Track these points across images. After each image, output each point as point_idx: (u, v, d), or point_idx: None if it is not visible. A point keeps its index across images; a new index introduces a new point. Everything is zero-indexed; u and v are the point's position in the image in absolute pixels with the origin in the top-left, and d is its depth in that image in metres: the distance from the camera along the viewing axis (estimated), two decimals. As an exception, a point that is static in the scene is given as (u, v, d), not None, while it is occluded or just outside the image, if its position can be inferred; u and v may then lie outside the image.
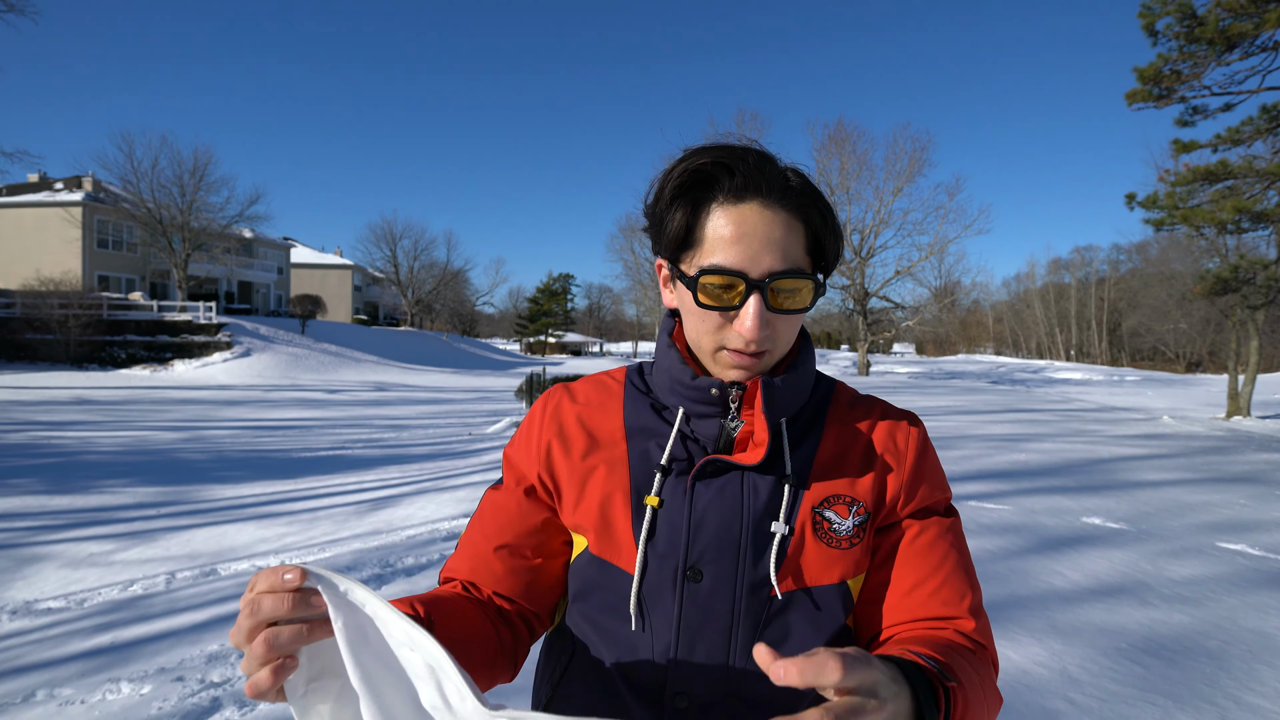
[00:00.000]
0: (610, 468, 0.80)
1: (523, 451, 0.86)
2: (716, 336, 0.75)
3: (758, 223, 0.72)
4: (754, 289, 0.71)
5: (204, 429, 10.89)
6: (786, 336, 0.76)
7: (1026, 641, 3.28)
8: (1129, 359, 60.07)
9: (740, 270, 0.71)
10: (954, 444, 9.62)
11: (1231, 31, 10.48)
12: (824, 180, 36.34)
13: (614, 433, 0.83)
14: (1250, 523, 5.58)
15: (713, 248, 0.73)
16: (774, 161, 0.74)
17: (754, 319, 0.71)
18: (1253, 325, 15.78)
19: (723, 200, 0.73)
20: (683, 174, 0.73)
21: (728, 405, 0.78)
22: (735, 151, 0.73)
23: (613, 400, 0.86)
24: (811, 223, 0.75)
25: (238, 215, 35.17)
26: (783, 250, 0.72)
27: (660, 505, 0.76)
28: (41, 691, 2.76)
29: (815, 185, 0.76)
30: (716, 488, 0.76)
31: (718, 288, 0.72)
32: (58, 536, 4.96)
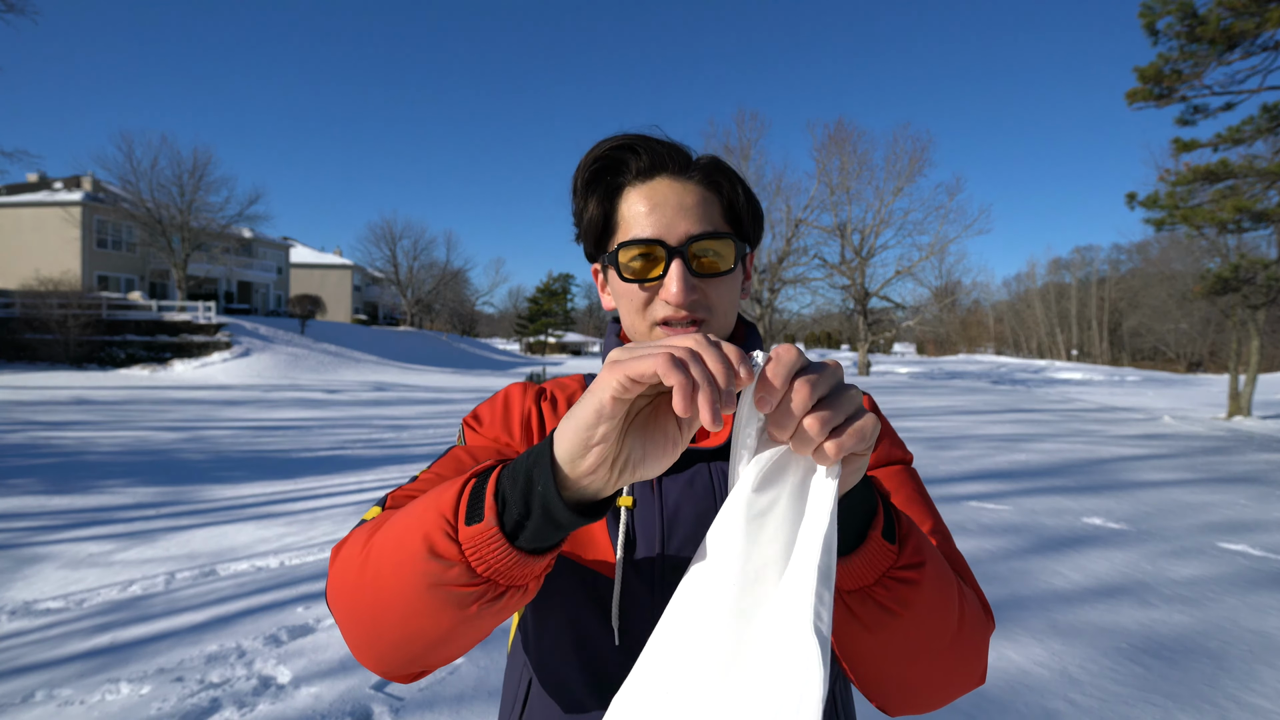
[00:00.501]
0: None
1: (502, 426, 0.81)
2: (647, 312, 0.75)
3: (669, 193, 0.73)
4: (674, 254, 0.72)
5: (203, 429, 10.89)
6: (721, 306, 0.76)
7: (1027, 642, 3.27)
8: (1130, 359, 60.06)
9: (657, 238, 0.72)
10: (954, 444, 9.62)
11: (1233, 30, 10.48)
12: (824, 180, 36.38)
13: None
14: (1251, 523, 5.58)
15: (630, 225, 0.74)
16: (673, 144, 0.76)
17: (678, 282, 0.71)
18: (1253, 325, 15.77)
19: (634, 181, 0.75)
20: (592, 163, 0.75)
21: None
22: (640, 135, 0.75)
23: (578, 394, 0.84)
24: (724, 192, 0.76)
25: (237, 215, 35.20)
26: (697, 216, 0.73)
27: (634, 505, 0.74)
28: (41, 692, 2.76)
29: (726, 163, 0.78)
30: (685, 480, 0.75)
31: (638, 259, 0.73)
32: (57, 537, 4.95)
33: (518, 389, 0.87)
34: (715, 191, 0.76)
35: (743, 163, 37.05)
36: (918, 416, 13.31)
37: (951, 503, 6.06)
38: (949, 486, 6.76)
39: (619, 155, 0.74)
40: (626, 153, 0.74)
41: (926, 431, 10.95)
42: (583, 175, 0.76)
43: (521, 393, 0.86)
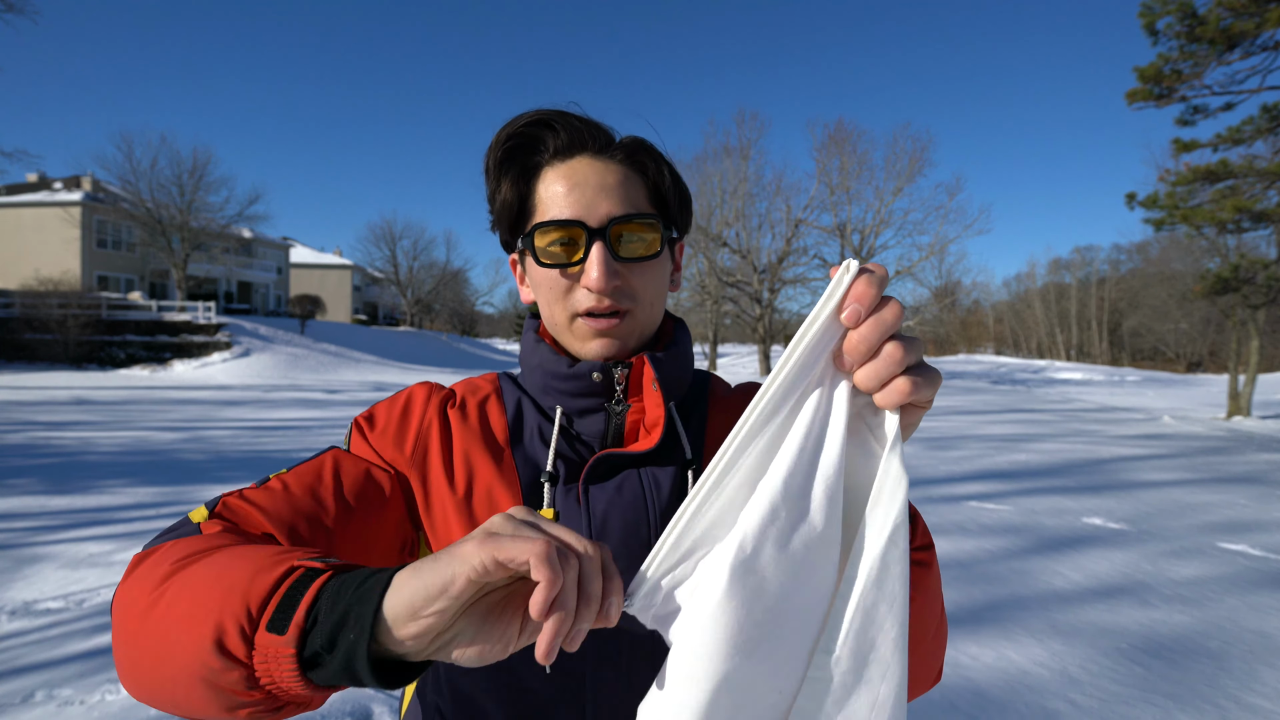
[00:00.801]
0: (498, 474, 0.70)
1: (394, 439, 0.72)
2: (567, 302, 0.69)
3: (589, 172, 0.68)
4: (595, 237, 0.66)
5: (203, 429, 10.89)
6: (646, 294, 0.70)
7: (1027, 642, 3.27)
8: (1129, 359, 60.07)
9: (576, 219, 0.66)
10: (954, 444, 9.62)
11: (1232, 31, 10.49)
12: (824, 180, 36.37)
13: (498, 434, 0.74)
14: (1251, 523, 5.58)
15: (547, 207, 0.68)
16: (593, 121, 0.70)
17: (600, 267, 0.65)
18: (1253, 325, 15.77)
19: (551, 160, 0.69)
20: (504, 140, 0.69)
21: (612, 389, 0.70)
22: (556, 111, 0.69)
23: (491, 400, 0.77)
24: (648, 173, 0.71)
25: (237, 215, 35.19)
26: (620, 197, 0.68)
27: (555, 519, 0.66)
28: (40, 692, 2.76)
29: (649, 141, 0.72)
30: (613, 488, 0.69)
31: (557, 243, 0.67)
32: (57, 537, 4.95)
33: (423, 391, 0.78)
34: (639, 172, 0.71)
35: (742, 163, 37.05)
36: (918, 416, 13.30)
37: (951, 503, 6.06)
38: (949, 486, 6.76)
39: (535, 132, 0.68)
40: (543, 129, 0.68)
41: (926, 431, 10.95)
42: (495, 154, 0.69)
43: (426, 397, 0.76)
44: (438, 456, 0.71)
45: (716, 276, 37.19)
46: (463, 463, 0.71)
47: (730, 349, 72.63)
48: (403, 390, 0.78)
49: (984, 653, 3.14)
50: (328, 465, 0.68)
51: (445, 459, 0.71)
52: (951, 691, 2.80)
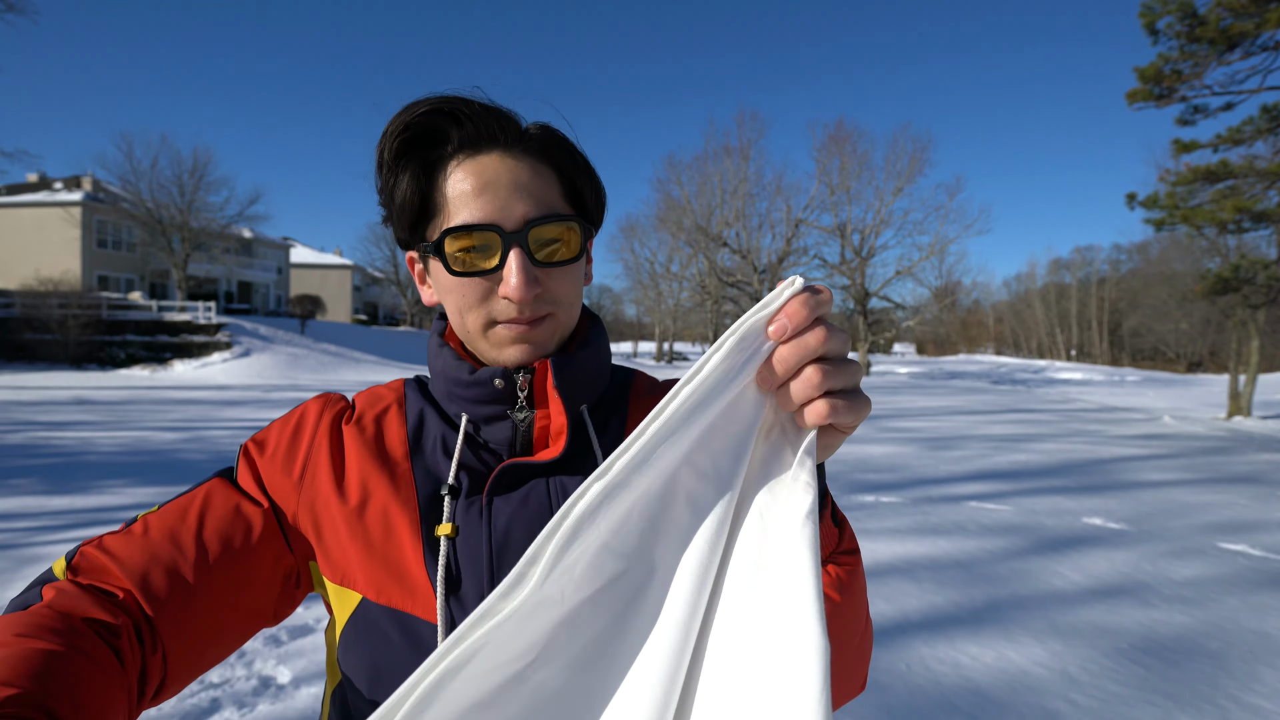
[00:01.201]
0: (394, 491, 0.66)
1: (279, 463, 0.68)
2: (482, 310, 0.64)
3: (501, 170, 0.63)
4: (512, 242, 0.62)
5: (204, 429, 10.89)
6: (567, 296, 0.66)
7: (1027, 642, 3.27)
8: (1130, 359, 60.07)
9: (492, 223, 0.61)
10: (954, 444, 9.62)
11: (1232, 31, 10.49)
12: (824, 180, 36.38)
13: (395, 448, 0.69)
14: (1251, 523, 5.58)
15: (455, 208, 0.63)
16: (503, 108, 0.65)
17: (519, 275, 0.61)
18: (1253, 325, 15.77)
19: (456, 155, 0.63)
20: (401, 130, 0.62)
21: (515, 396, 0.66)
22: (459, 99, 0.63)
23: (392, 410, 0.73)
24: (563, 168, 0.66)
25: (237, 215, 35.21)
26: (536, 196, 0.63)
27: (456, 534, 0.63)
28: (40, 692, 2.76)
29: (558, 129, 0.67)
30: (518, 500, 0.65)
31: (470, 250, 0.62)
32: (57, 537, 4.95)
33: (316, 407, 0.72)
34: (552, 166, 0.65)
35: (743, 163, 37.06)
36: (918, 416, 13.31)
37: (951, 503, 6.06)
38: (949, 486, 6.76)
39: (437, 124, 0.62)
40: (446, 121, 0.62)
41: (926, 431, 10.95)
42: (391, 146, 0.63)
43: (318, 414, 0.71)
44: (327, 476, 0.67)
45: (716, 276, 37.20)
46: (357, 480, 0.67)
47: (730, 349, 72.55)
48: (298, 407, 0.73)
49: (984, 653, 3.14)
50: (195, 504, 0.65)
51: (336, 477, 0.67)
52: (951, 691, 2.80)
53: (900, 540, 4.90)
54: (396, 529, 0.64)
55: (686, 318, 49.47)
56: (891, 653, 3.13)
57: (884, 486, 6.74)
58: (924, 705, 2.69)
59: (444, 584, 0.61)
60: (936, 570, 4.27)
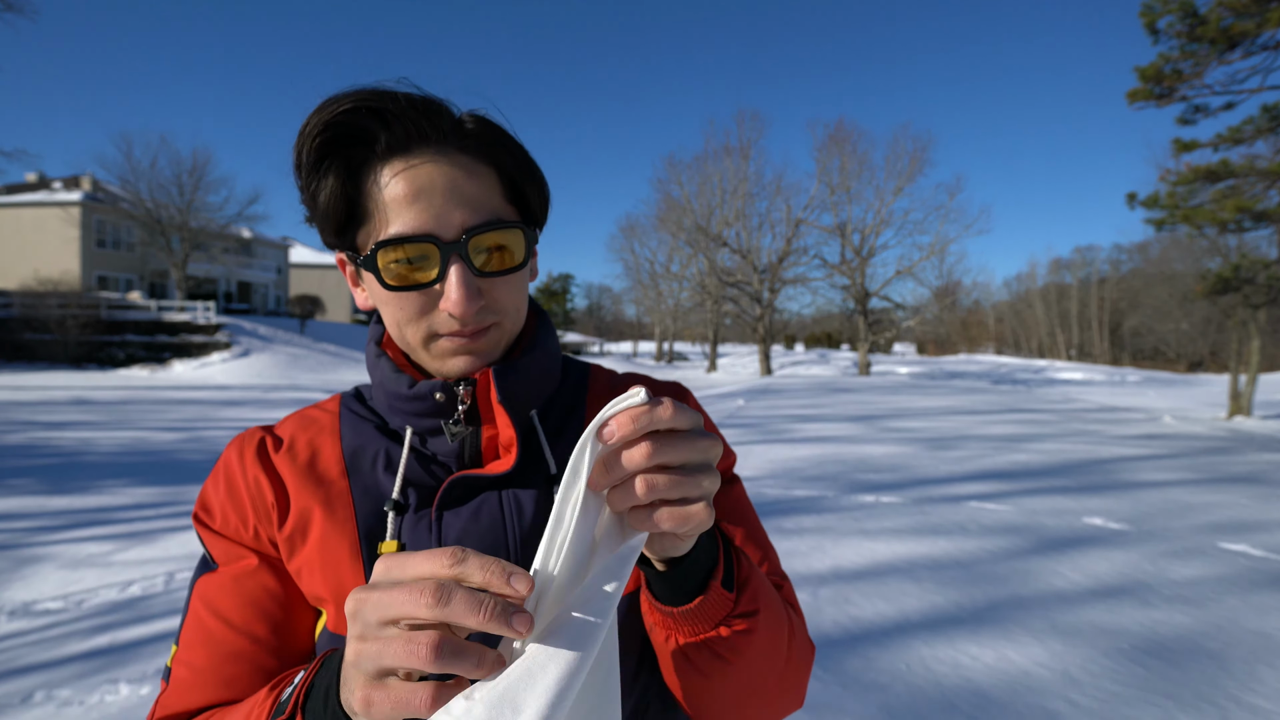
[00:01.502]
0: (330, 514, 0.63)
1: (235, 523, 0.66)
2: (422, 324, 0.61)
3: (435, 175, 0.57)
4: (451, 253, 0.57)
5: (203, 429, 10.89)
6: (512, 304, 0.63)
7: (1027, 642, 3.27)
8: (1130, 359, 60.08)
9: (428, 233, 0.57)
10: (954, 444, 9.62)
11: (1233, 30, 10.49)
12: (824, 180, 36.36)
13: (329, 469, 0.66)
14: (1252, 523, 5.57)
15: (387, 216, 0.58)
16: (436, 102, 0.59)
17: (460, 289, 0.57)
18: (1254, 325, 15.77)
19: (385, 156, 0.58)
20: (321, 130, 0.57)
21: (455, 409, 0.64)
22: (385, 94, 0.57)
23: (325, 433, 0.69)
24: (503, 166, 0.61)
25: (236, 215, 35.21)
26: (474, 202, 0.58)
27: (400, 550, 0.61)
28: (40, 692, 2.75)
29: (495, 122, 0.62)
30: (469, 513, 0.63)
31: (405, 262, 0.58)
32: (57, 537, 4.95)
33: (234, 453, 0.68)
34: (492, 164, 0.61)
35: (743, 163, 37.05)
36: (918, 416, 13.31)
37: (951, 503, 6.06)
38: (949, 486, 6.76)
39: (361, 123, 0.57)
40: (371, 119, 0.57)
41: (926, 431, 10.95)
42: (311, 146, 0.57)
43: (239, 457, 0.68)
44: (274, 511, 0.65)
45: (716, 276, 37.19)
46: (295, 510, 0.65)
47: (730, 349, 72.66)
48: (220, 458, 0.70)
49: (984, 653, 3.14)
50: (205, 612, 0.64)
51: (281, 512, 0.65)
52: (951, 691, 2.79)
53: (900, 540, 4.89)
54: (335, 553, 0.62)
55: (686, 318, 49.47)
56: (891, 653, 3.13)
57: (884, 486, 6.74)
58: (924, 705, 2.69)
59: None
60: (936, 570, 4.27)
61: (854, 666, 3.00)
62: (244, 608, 0.63)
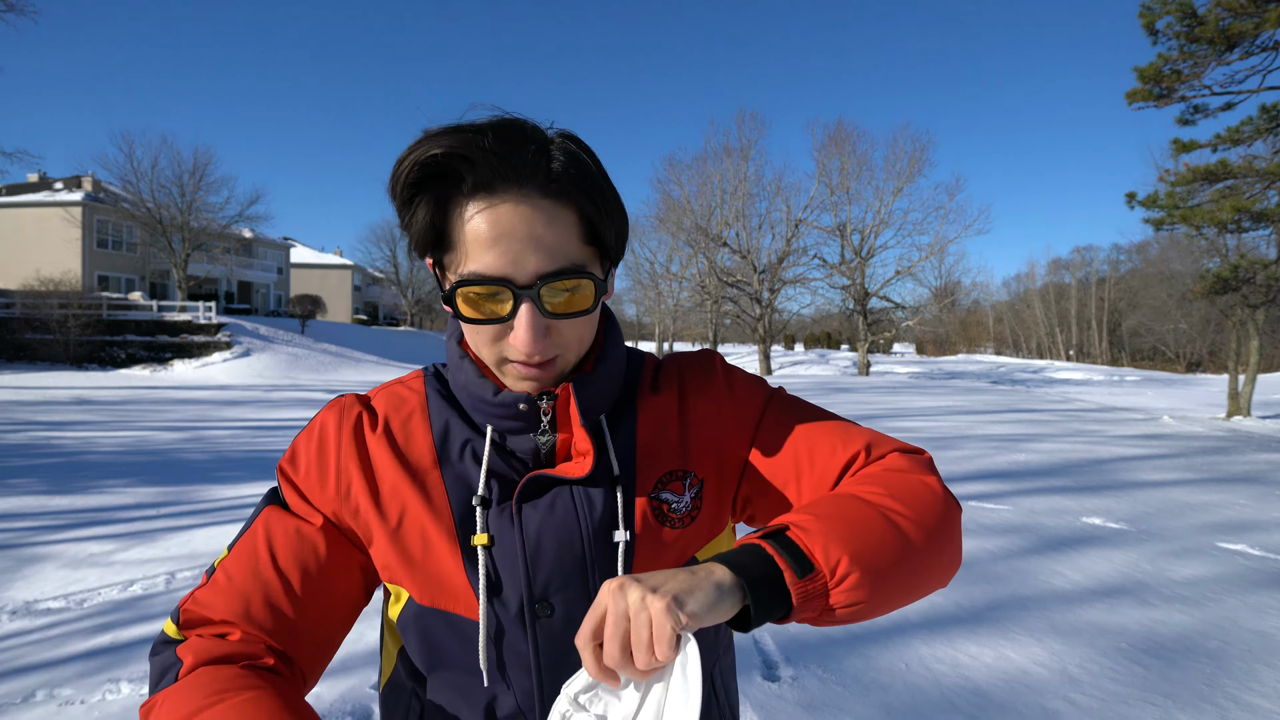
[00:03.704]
0: (427, 501, 0.69)
1: (315, 479, 0.71)
2: (495, 349, 0.66)
3: (515, 220, 0.61)
4: (523, 297, 0.61)
5: (204, 429, 10.89)
6: (575, 339, 0.67)
7: (1027, 641, 3.28)
8: (1129, 359, 60.07)
9: (503, 277, 0.61)
10: (954, 444, 9.62)
11: (1232, 31, 10.49)
12: (824, 180, 36.35)
13: (422, 456, 0.72)
14: (1251, 523, 5.58)
15: (468, 252, 0.62)
16: (524, 140, 0.61)
17: (528, 331, 0.62)
18: (1253, 325, 15.77)
19: (470, 195, 0.61)
20: (412, 168, 0.60)
21: (539, 418, 0.69)
22: (472, 137, 0.59)
23: (416, 415, 0.74)
24: (583, 209, 0.64)
25: (237, 215, 35.21)
26: (550, 248, 0.61)
27: (492, 543, 0.68)
28: (41, 692, 2.76)
29: (584, 159, 0.64)
30: (545, 506, 0.69)
31: (481, 297, 0.63)
32: (58, 537, 4.96)
33: (334, 419, 0.73)
34: (571, 207, 0.63)
35: (742, 163, 37.03)
36: (918, 416, 13.32)
37: (951, 503, 6.07)
38: (949, 486, 6.76)
39: (448, 164, 0.60)
40: (458, 162, 0.59)
41: (926, 431, 10.95)
42: (404, 182, 0.61)
43: (337, 426, 0.73)
44: (362, 489, 0.70)
45: (716, 276, 37.18)
46: (390, 494, 0.70)
47: (730, 349, 72.63)
48: (317, 417, 0.75)
49: (984, 652, 3.15)
50: (261, 539, 0.69)
51: (371, 492, 0.70)
52: (951, 691, 2.80)
53: (900, 540, 4.89)
54: (434, 542, 0.69)
55: (686, 318, 49.47)
56: (891, 652, 3.14)
57: (884, 486, 6.74)
58: (924, 705, 2.70)
59: (485, 591, 0.67)
60: (936, 570, 4.28)
61: (854, 666, 3.01)
62: (293, 555, 0.69)
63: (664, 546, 0.71)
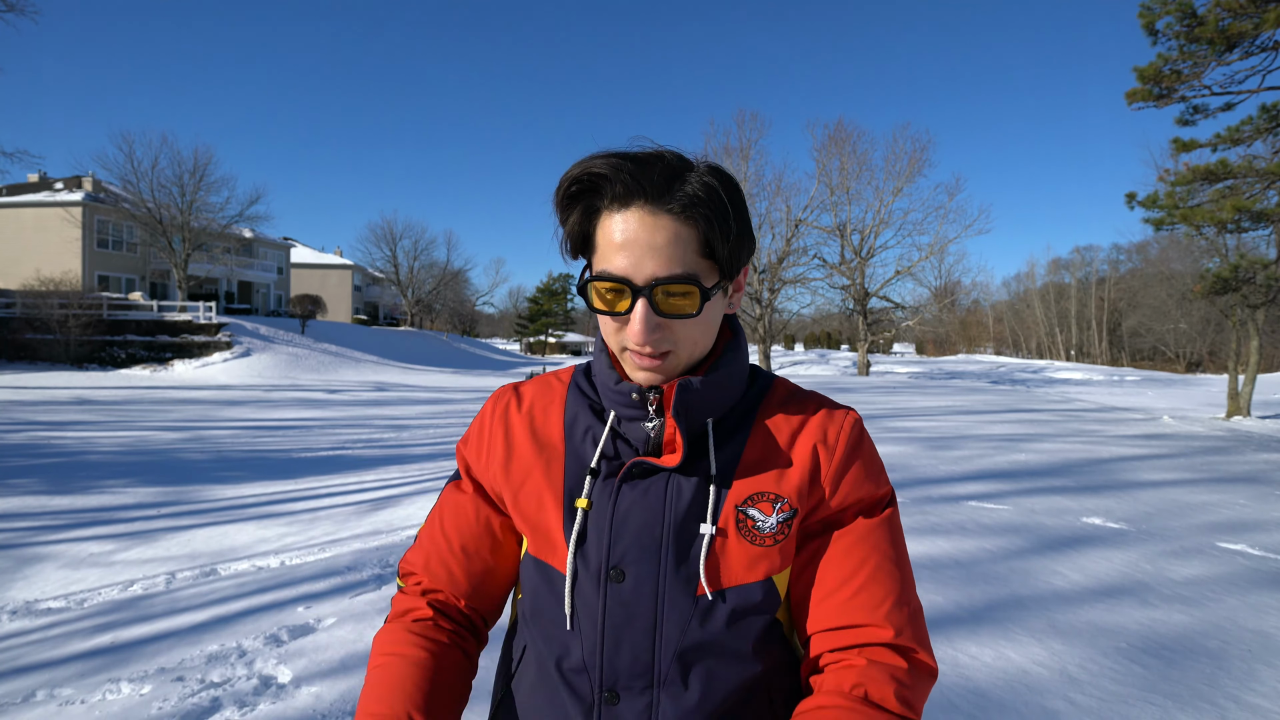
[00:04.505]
0: (547, 470, 0.84)
1: (475, 453, 0.91)
2: (617, 338, 0.78)
3: (639, 230, 0.73)
4: (639, 295, 0.73)
5: (204, 429, 10.89)
6: (688, 340, 0.77)
7: (1027, 641, 3.28)
8: (1129, 359, 60.05)
9: (624, 277, 0.73)
10: (954, 444, 9.62)
11: (1231, 31, 10.48)
12: (824, 180, 36.33)
13: (553, 435, 0.87)
14: (1250, 523, 5.58)
15: (603, 254, 0.75)
16: (661, 166, 0.74)
17: (640, 323, 0.74)
18: (1253, 325, 15.77)
19: (610, 206, 0.75)
20: (569, 184, 0.75)
21: (648, 407, 0.81)
22: (617, 161, 0.73)
23: (555, 402, 0.90)
24: (700, 226, 0.74)
25: (238, 215, 35.20)
26: (667, 256, 0.73)
27: (590, 507, 0.80)
28: (41, 692, 2.76)
29: (715, 188, 0.74)
30: (641, 489, 0.79)
31: (607, 292, 0.76)
32: (58, 536, 4.96)
33: (490, 404, 0.93)
34: (692, 225, 0.74)
35: (742, 163, 37.01)
36: (918, 416, 13.31)
37: (951, 503, 6.07)
38: (949, 486, 6.76)
39: (595, 181, 0.74)
40: (600, 180, 0.74)
41: (926, 431, 10.95)
42: (561, 193, 0.77)
43: (491, 409, 0.92)
44: (500, 458, 0.87)
45: (716, 276, 37.09)
46: (520, 464, 0.86)
47: (730, 349, 72.51)
48: (484, 405, 0.94)
49: (984, 652, 3.15)
50: (438, 508, 0.92)
51: (506, 459, 0.87)
52: (951, 691, 2.80)
53: (900, 540, 4.89)
54: (546, 503, 0.83)
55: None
56: (891, 652, 3.14)
57: (884, 486, 6.74)
58: (924, 705, 2.70)
59: (575, 544, 0.79)
60: (936, 570, 4.28)
61: (854, 666, 3.00)
62: (456, 520, 0.89)
63: (738, 556, 0.78)
